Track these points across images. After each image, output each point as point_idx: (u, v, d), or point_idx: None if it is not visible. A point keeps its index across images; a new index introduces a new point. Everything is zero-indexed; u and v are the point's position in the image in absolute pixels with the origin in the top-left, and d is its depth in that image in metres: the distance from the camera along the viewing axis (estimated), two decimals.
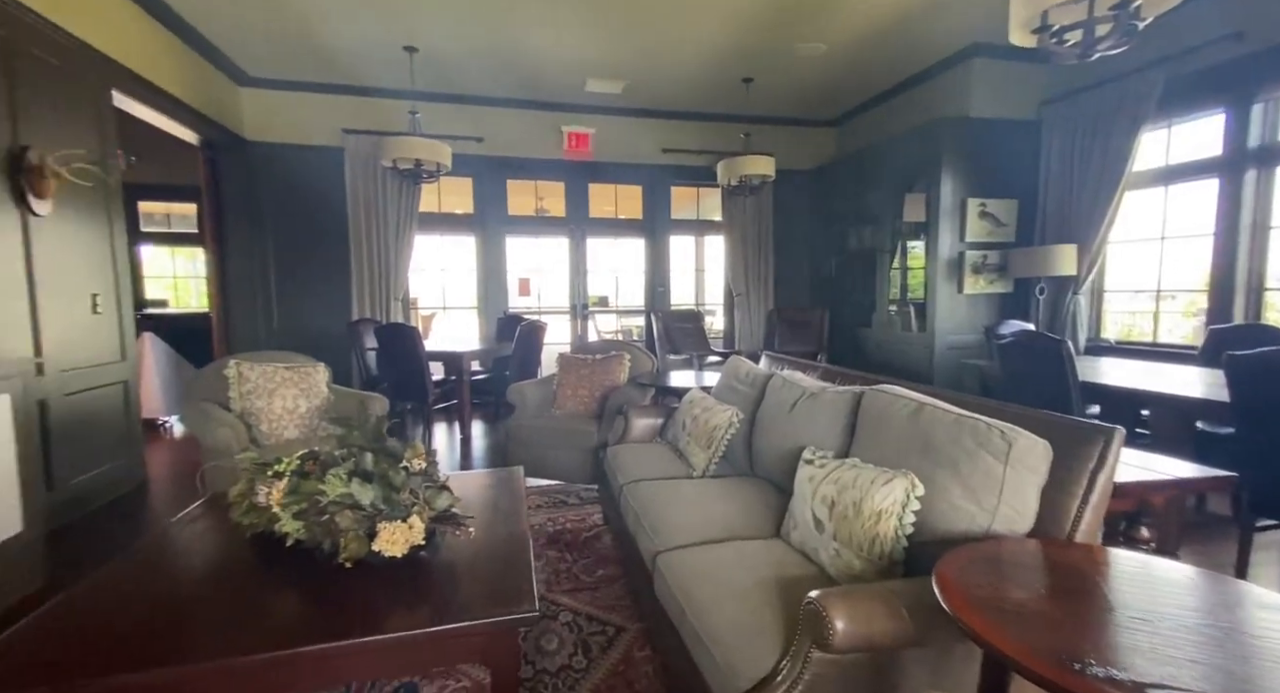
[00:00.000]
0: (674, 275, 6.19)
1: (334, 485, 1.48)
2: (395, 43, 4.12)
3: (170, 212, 6.87)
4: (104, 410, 3.06)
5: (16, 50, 2.57)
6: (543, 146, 5.52)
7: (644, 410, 2.80)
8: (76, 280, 2.92)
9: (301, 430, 2.90)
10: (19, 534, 2.07)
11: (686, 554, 1.58)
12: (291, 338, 5.01)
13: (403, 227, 5.15)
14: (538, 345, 4.75)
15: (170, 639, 1.20)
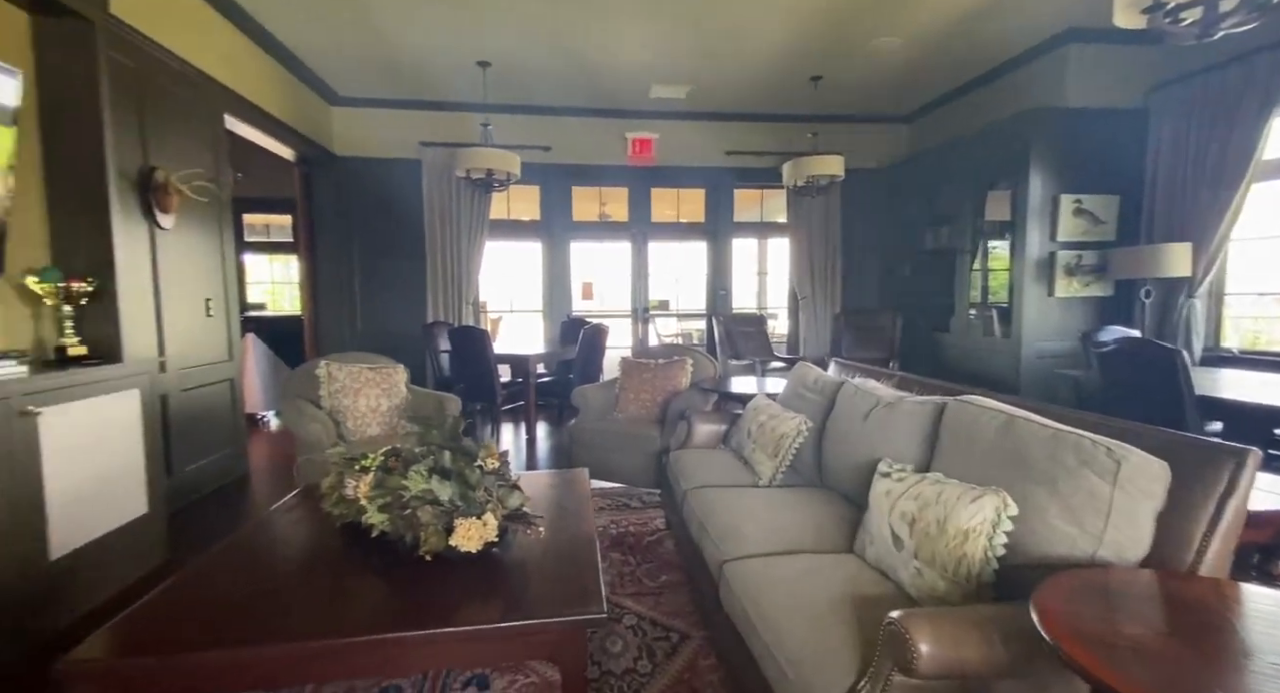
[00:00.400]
0: (736, 279, 6.12)
1: (415, 481, 1.56)
2: (469, 59, 4.31)
3: (269, 223, 7.50)
4: (214, 405, 3.37)
5: (148, 82, 2.89)
6: (607, 153, 5.61)
7: (707, 416, 2.78)
8: (192, 287, 3.24)
9: (383, 427, 3.08)
10: (145, 515, 2.32)
11: (754, 565, 1.54)
12: (373, 340, 5.33)
13: (474, 234, 5.38)
14: (600, 349, 4.81)
15: (267, 620, 1.30)
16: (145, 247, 2.88)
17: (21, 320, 2.17)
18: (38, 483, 1.85)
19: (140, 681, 1.20)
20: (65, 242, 2.30)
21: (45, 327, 2.24)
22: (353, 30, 3.88)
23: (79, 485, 2.00)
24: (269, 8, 3.57)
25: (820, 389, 2.33)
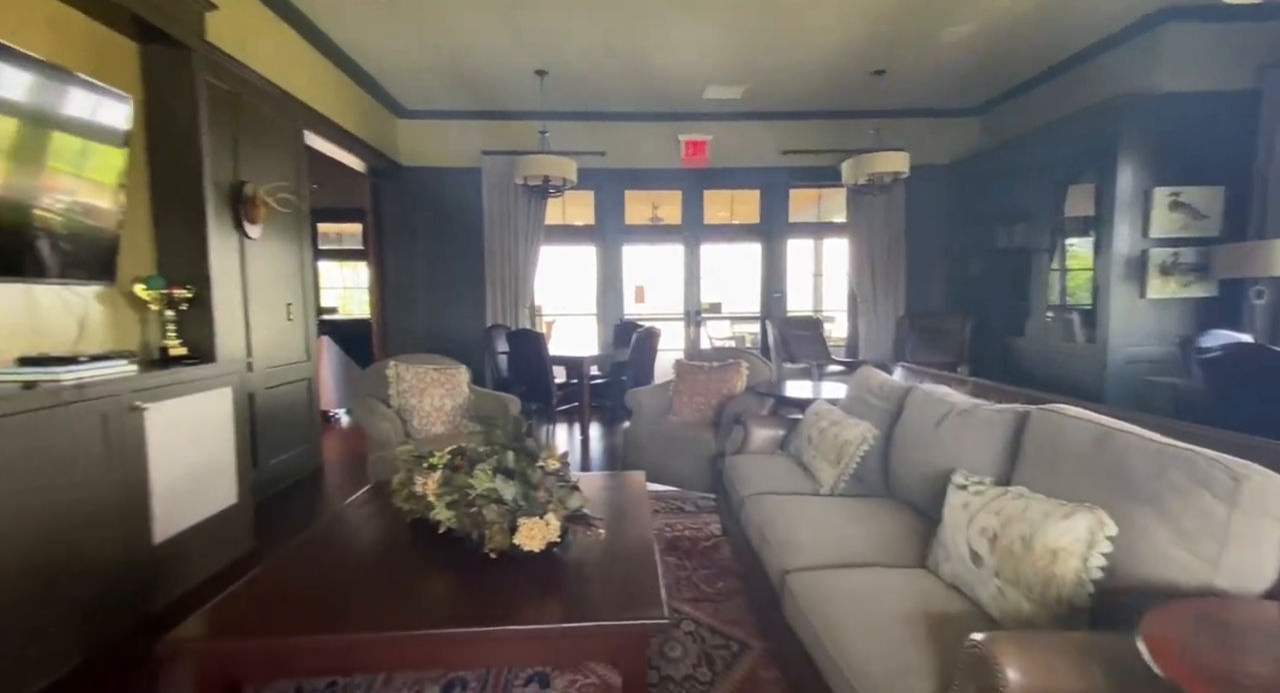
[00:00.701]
0: (791, 280, 5.98)
1: (481, 480, 1.60)
2: (528, 68, 4.42)
3: (341, 231, 7.95)
4: (293, 403, 3.60)
5: (239, 102, 3.12)
6: (660, 156, 5.61)
7: (764, 421, 2.72)
8: (275, 292, 3.47)
9: (447, 426, 3.19)
10: (235, 505, 2.49)
11: (819, 577, 1.49)
12: (436, 342, 5.53)
13: (531, 239, 5.50)
14: (652, 351, 4.81)
15: (345, 609, 1.36)
16: (235, 255, 3.10)
17: (130, 324, 2.39)
18: (144, 474, 2.02)
19: (233, 660, 1.29)
20: (168, 251, 2.52)
21: (151, 330, 2.45)
22: (419, 46, 4.05)
23: (178, 477, 2.18)
24: (346, 29, 3.79)
25: (886, 395, 2.23)
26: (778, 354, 5.05)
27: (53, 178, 1.91)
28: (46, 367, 1.82)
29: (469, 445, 1.92)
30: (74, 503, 1.76)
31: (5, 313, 1.91)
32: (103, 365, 1.94)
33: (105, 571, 1.86)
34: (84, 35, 2.18)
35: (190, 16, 2.47)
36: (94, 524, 1.83)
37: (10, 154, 1.76)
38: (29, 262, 1.87)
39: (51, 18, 2.06)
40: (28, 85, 1.78)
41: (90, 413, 1.81)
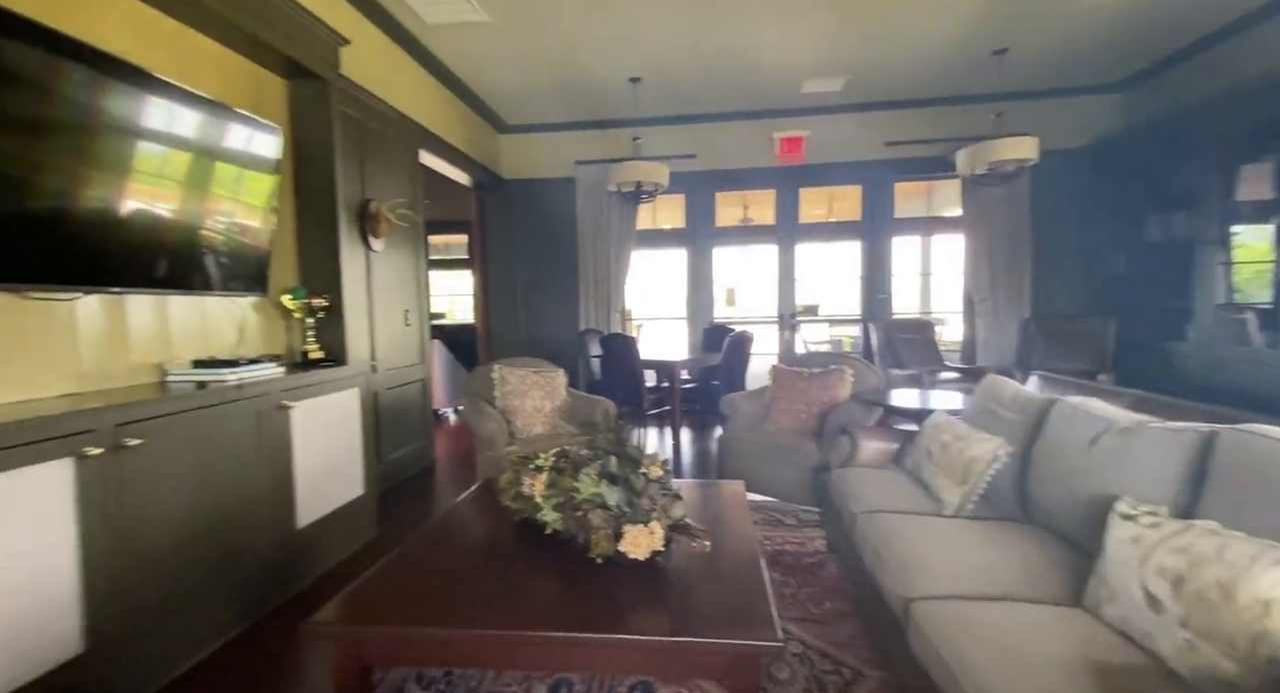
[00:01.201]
0: (896, 280, 5.60)
1: (586, 485, 1.62)
2: (623, 76, 4.48)
3: (448, 242, 8.52)
4: (410, 403, 3.88)
5: (365, 127, 3.42)
6: (753, 156, 5.48)
7: (873, 432, 2.54)
8: (395, 300, 3.77)
9: (546, 427, 3.29)
10: (362, 496, 2.71)
11: (951, 608, 1.35)
12: (534, 345, 5.76)
13: (622, 244, 5.58)
14: (745, 356, 4.69)
15: (460, 604, 1.41)
16: (362, 267, 3.40)
17: (278, 330, 2.68)
18: (289, 465, 2.25)
19: (364, 644, 1.39)
20: (308, 265, 2.80)
21: (294, 335, 2.74)
22: (524, 64, 4.24)
23: (316, 469, 2.40)
24: (457, 52, 4.04)
25: (1022, 408, 2.00)
26: (882, 360, 4.74)
27: (215, 202, 2.17)
28: (214, 368, 2.07)
29: (572, 448, 1.95)
30: (234, 490, 1.99)
31: (183, 321, 2.20)
32: (257, 368, 2.18)
33: (259, 550, 2.09)
34: (243, 75, 2.48)
35: (327, 52, 2.73)
36: (250, 509, 2.06)
37: (183, 183, 2.04)
38: (197, 276, 2.14)
39: (218, 61, 2.36)
40: (198, 123, 2.04)
41: (247, 410, 2.04)
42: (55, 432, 1.44)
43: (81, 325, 1.83)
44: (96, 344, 1.88)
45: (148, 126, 1.86)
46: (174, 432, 1.76)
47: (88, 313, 1.85)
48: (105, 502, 1.55)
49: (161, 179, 1.95)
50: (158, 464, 1.71)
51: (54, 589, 1.45)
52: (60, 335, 1.77)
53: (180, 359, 2.16)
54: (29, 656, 1.39)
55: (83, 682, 1.50)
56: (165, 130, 1.92)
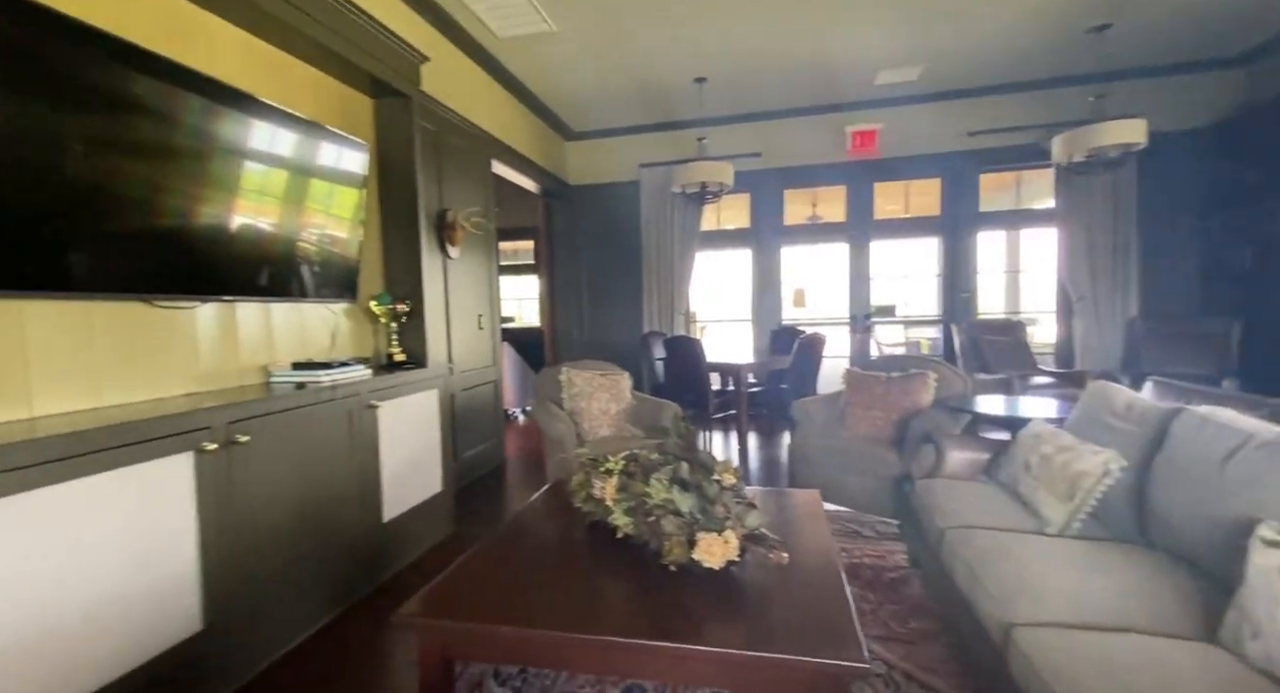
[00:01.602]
0: (981, 278, 5.24)
1: (658, 490, 1.60)
2: (688, 77, 4.46)
3: (516, 248, 8.80)
4: (482, 403, 4.02)
5: (442, 140, 3.58)
6: (823, 152, 5.30)
7: (961, 442, 2.38)
8: (469, 305, 3.92)
9: (612, 429, 3.31)
10: (440, 492, 2.83)
11: (1060, 637, 1.23)
12: (598, 348, 5.84)
13: (686, 246, 5.54)
14: (816, 359, 4.53)
15: (533, 604, 1.43)
16: (440, 274, 3.56)
17: (366, 334, 2.84)
18: (376, 461, 2.38)
19: (446, 638, 1.43)
20: (392, 272, 2.96)
21: (380, 339, 2.90)
22: (591, 71, 4.31)
23: (400, 466, 2.53)
24: (524, 64, 4.16)
25: (1138, 418, 1.80)
26: (966, 363, 4.44)
27: (310, 216, 2.33)
28: (311, 370, 2.22)
29: (641, 453, 1.95)
30: (328, 484, 2.13)
31: (283, 327, 2.38)
32: (348, 370, 2.32)
33: (350, 541, 2.22)
34: (334, 96, 2.66)
35: (410, 70, 2.88)
36: (342, 502, 2.19)
37: (282, 199, 2.20)
38: (295, 285, 2.30)
39: (313, 84, 2.54)
40: (296, 142, 2.20)
41: (339, 410, 2.18)
42: (180, 428, 1.59)
43: (200, 331, 2.02)
44: (212, 348, 2.06)
45: (253, 148, 2.03)
46: (276, 429, 1.91)
47: (205, 320, 2.03)
48: (218, 492, 1.70)
49: (264, 196, 2.11)
50: (262, 459, 1.85)
51: (180, 568, 1.59)
52: (182, 340, 1.96)
53: (281, 362, 2.33)
54: (160, 629, 1.54)
55: (203, 657, 1.64)
56: (268, 151, 2.09)
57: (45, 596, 1.30)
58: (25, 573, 1.27)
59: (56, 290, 1.54)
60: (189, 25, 1.99)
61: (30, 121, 1.42)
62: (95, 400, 1.69)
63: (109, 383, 1.73)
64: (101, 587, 1.41)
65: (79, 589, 1.37)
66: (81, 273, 1.57)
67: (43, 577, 1.30)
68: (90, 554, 1.39)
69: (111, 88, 1.59)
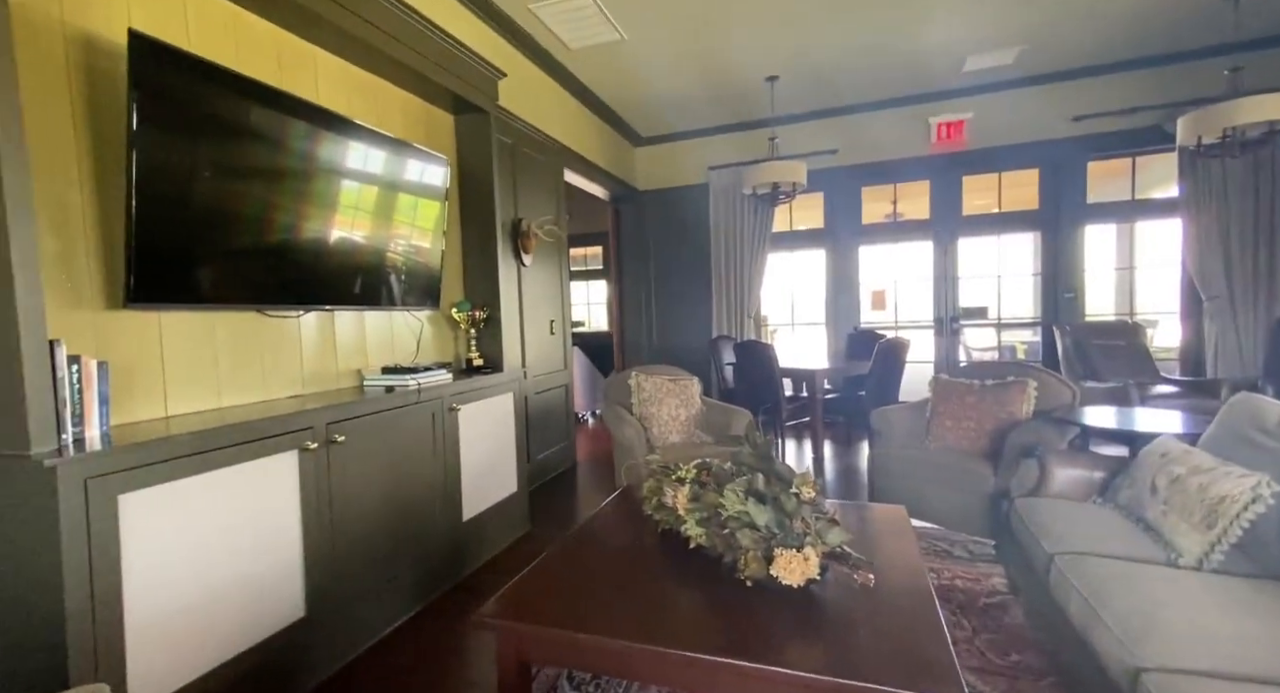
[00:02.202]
0: (1088, 276, 4.76)
1: (732, 501, 1.56)
2: (759, 76, 4.36)
3: (585, 254, 8.97)
4: (554, 407, 4.11)
5: (517, 151, 3.70)
6: (904, 145, 5.02)
7: (1069, 458, 2.15)
8: (541, 311, 4.02)
9: (681, 435, 3.28)
10: (515, 493, 2.92)
11: (1201, 688, 1.07)
12: (666, 352, 5.84)
13: (757, 248, 5.42)
14: (898, 365, 4.29)
15: (606, 612, 1.42)
16: (514, 281, 3.68)
17: (447, 340, 2.98)
18: (457, 462, 2.48)
19: (521, 639, 1.46)
20: (471, 280, 3.08)
21: (460, 344, 3.03)
22: (655, 76, 4.32)
23: (478, 466, 2.63)
24: (594, 72, 4.23)
25: None
26: (1071, 370, 4.05)
27: (397, 228, 2.47)
28: (399, 375, 2.35)
29: (714, 461, 1.91)
30: (414, 483, 2.24)
31: (375, 333, 2.54)
32: (432, 374, 2.44)
33: (433, 538, 2.33)
34: (419, 113, 2.81)
35: (488, 86, 3.00)
36: (426, 500, 2.30)
37: (374, 213, 2.35)
38: (384, 293, 2.45)
39: (402, 104, 2.69)
40: (385, 160, 2.34)
41: (424, 412, 2.29)
42: (288, 428, 1.72)
43: (303, 338, 2.19)
44: (313, 354, 2.23)
45: (350, 167, 2.17)
46: (368, 430, 2.03)
47: (307, 327, 2.20)
48: (318, 488, 1.83)
49: (358, 211, 2.26)
50: (355, 458, 1.97)
51: (287, 557, 1.73)
52: (288, 347, 2.13)
53: (373, 366, 2.49)
54: (271, 613, 1.68)
55: (302, 644, 1.77)
56: (362, 169, 2.24)
57: (181, 576, 1.45)
58: (166, 555, 1.42)
59: (192, 303, 1.71)
60: (297, 57, 2.17)
61: (171, 153, 1.59)
62: (216, 402, 1.87)
63: (227, 386, 1.90)
64: (225, 571, 1.55)
65: (208, 572, 1.51)
66: (211, 287, 1.74)
67: (179, 559, 1.45)
68: (217, 539, 1.54)
69: (235, 119, 1.76)
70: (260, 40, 2.03)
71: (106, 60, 1.58)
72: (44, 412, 1.31)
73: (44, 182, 1.46)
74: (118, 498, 1.32)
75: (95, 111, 1.57)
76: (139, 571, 1.36)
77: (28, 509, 1.27)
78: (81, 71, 1.54)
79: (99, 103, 1.57)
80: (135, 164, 1.50)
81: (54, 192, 1.49)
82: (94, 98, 1.56)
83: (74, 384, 1.39)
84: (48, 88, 1.47)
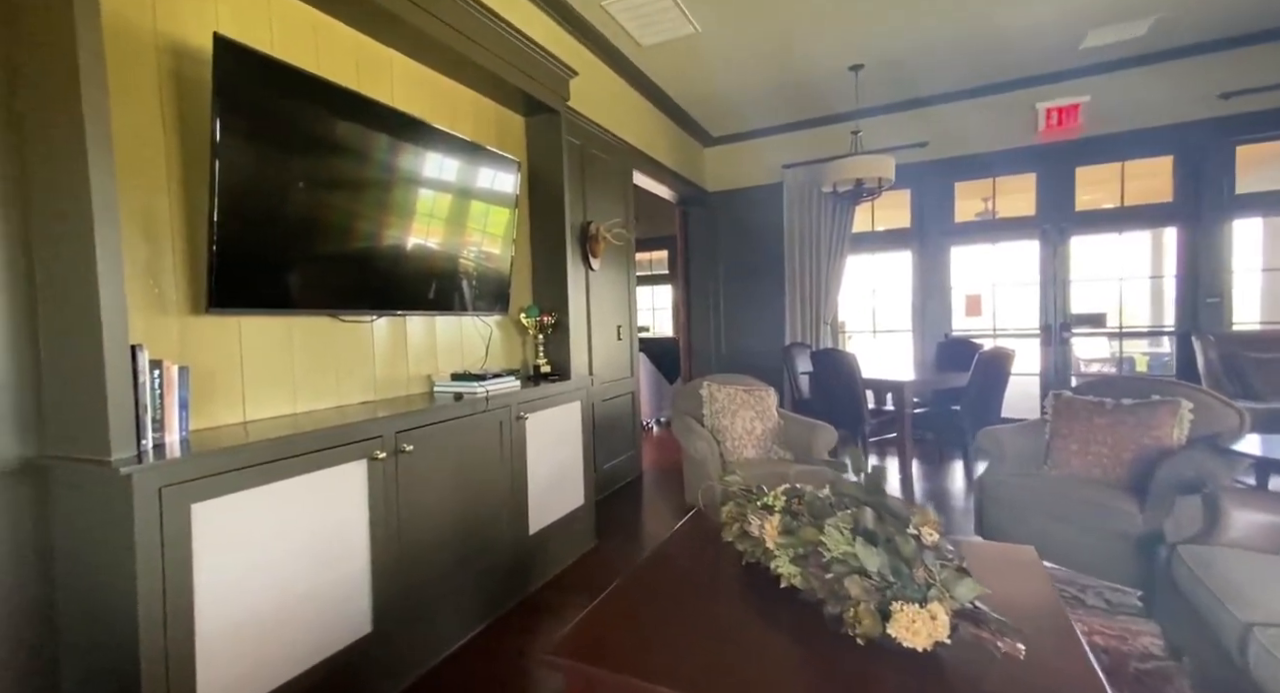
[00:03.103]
0: (1236, 278, 4.10)
1: (836, 540, 1.34)
2: (841, 65, 4.07)
3: (651, 259, 8.86)
4: (620, 414, 3.99)
5: (586, 153, 3.61)
6: (1005, 135, 4.55)
7: (1252, 499, 1.76)
8: (609, 316, 3.91)
9: (757, 451, 3.05)
10: (582, 506, 2.79)
11: None
12: (735, 359, 5.60)
13: (834, 250, 5.09)
14: (1002, 378, 3.85)
15: (683, 659, 1.24)
16: (582, 285, 3.58)
17: (515, 346, 2.91)
18: (524, 473, 2.38)
19: (591, 681, 1.31)
20: (539, 285, 3.00)
21: (528, 350, 2.96)
22: (730, 70, 4.12)
23: (545, 477, 2.52)
24: (665, 70, 4.09)
25: None
26: (1217, 386, 3.47)
27: (469, 234, 2.41)
28: (467, 381, 2.28)
29: (805, 487, 1.69)
30: (481, 494, 2.15)
31: (446, 337, 2.49)
32: (500, 381, 2.36)
33: (500, 551, 2.23)
34: (491, 116, 2.76)
35: (559, 85, 2.91)
36: (493, 512, 2.21)
37: (446, 220, 2.29)
38: (456, 298, 2.39)
39: (474, 107, 2.65)
40: (460, 164, 2.28)
41: (492, 421, 2.20)
42: (358, 437, 1.67)
43: (375, 343, 2.16)
44: (385, 359, 2.19)
45: (426, 173, 2.13)
46: (437, 439, 1.96)
47: (379, 332, 2.17)
48: (386, 498, 1.76)
49: (432, 217, 2.22)
50: (423, 468, 1.90)
51: (355, 570, 1.67)
52: (362, 352, 2.10)
53: (443, 372, 2.44)
54: (338, 627, 1.62)
55: (369, 661, 1.70)
56: (438, 175, 2.19)
57: (250, 588, 1.40)
58: (236, 565, 1.37)
59: (271, 307, 1.70)
60: (374, 61, 2.15)
61: (253, 158, 1.57)
62: (292, 407, 1.85)
63: (303, 390, 1.88)
64: (294, 583, 1.50)
65: (277, 584, 1.46)
66: (288, 291, 1.72)
67: (249, 570, 1.40)
68: (286, 550, 1.49)
69: (317, 125, 1.73)
70: (340, 44, 2.02)
71: (194, 66, 1.58)
72: (124, 417, 1.29)
73: (132, 188, 1.47)
74: (191, 507, 1.29)
75: (183, 118, 1.57)
76: (210, 581, 1.32)
77: (106, 515, 1.25)
78: (171, 78, 1.55)
79: (187, 109, 1.57)
80: (218, 169, 1.48)
81: (142, 198, 1.49)
82: (182, 104, 1.57)
83: (155, 389, 1.37)
84: (138, 94, 1.48)
